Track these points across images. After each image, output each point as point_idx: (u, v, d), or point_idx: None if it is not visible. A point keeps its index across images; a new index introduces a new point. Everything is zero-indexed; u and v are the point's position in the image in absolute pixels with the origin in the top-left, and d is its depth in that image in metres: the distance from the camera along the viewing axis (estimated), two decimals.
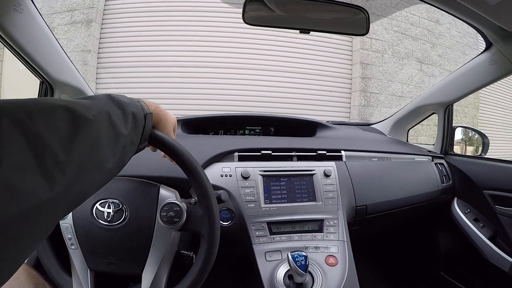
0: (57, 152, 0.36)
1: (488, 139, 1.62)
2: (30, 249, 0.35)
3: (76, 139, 0.40)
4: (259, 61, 5.06)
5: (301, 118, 1.60)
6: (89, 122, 0.43)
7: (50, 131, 0.36)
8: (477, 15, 0.96)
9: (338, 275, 0.94)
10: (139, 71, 4.85)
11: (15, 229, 0.30)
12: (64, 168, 0.37)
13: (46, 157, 0.35)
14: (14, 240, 0.31)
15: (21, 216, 0.31)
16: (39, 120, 0.35)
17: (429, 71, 5.91)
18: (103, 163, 0.46)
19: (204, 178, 0.74)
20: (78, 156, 0.39)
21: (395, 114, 1.86)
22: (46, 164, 0.34)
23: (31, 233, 0.33)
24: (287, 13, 1.02)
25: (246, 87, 4.98)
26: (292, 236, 1.03)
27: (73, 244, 0.78)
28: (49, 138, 0.36)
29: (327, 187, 1.12)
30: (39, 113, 0.36)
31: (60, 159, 0.36)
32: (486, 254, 1.34)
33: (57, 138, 0.37)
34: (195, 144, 1.14)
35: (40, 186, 0.33)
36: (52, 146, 0.36)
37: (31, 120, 0.34)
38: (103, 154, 0.45)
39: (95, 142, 0.43)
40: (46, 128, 0.36)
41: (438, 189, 1.41)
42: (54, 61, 1.22)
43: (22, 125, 0.33)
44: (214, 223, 0.73)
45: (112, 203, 0.78)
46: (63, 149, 0.37)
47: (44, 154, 0.34)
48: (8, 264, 0.31)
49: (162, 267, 0.78)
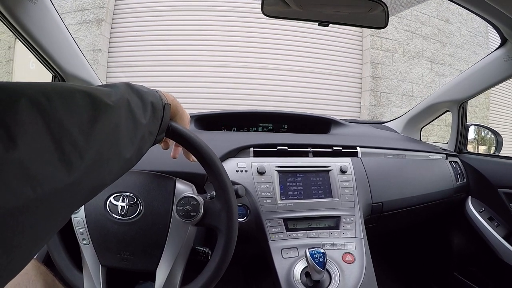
0: (76, 136, 0.35)
1: (502, 137, 1.61)
2: (44, 239, 0.34)
3: (96, 124, 0.38)
4: (270, 60, 5.07)
5: (315, 115, 1.59)
6: (109, 108, 0.42)
7: (69, 115, 0.35)
8: (492, 9, 0.94)
9: (356, 273, 0.93)
10: (150, 70, 4.88)
11: (30, 216, 0.29)
12: (83, 153, 0.35)
13: (64, 141, 0.33)
14: (28, 228, 0.29)
15: (36, 202, 0.29)
16: (58, 103, 0.34)
17: (440, 71, 5.86)
18: (121, 151, 0.44)
19: (223, 171, 0.72)
20: (97, 142, 0.38)
21: (408, 112, 1.85)
22: (64, 148, 0.33)
23: (45, 222, 0.32)
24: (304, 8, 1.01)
25: (258, 86, 4.99)
26: (309, 233, 1.02)
27: (85, 239, 0.76)
28: (67, 122, 0.34)
29: (344, 184, 1.11)
30: (58, 96, 0.35)
31: (79, 143, 0.35)
32: (500, 253, 1.32)
33: (76, 122, 0.36)
34: (210, 139, 1.11)
35: (57, 171, 0.32)
36: (70, 130, 0.34)
37: (50, 103, 0.33)
38: (122, 142, 0.44)
39: (115, 129, 0.42)
40: (65, 112, 0.34)
41: (452, 187, 1.40)
42: (66, 54, 1.20)
43: (41, 107, 0.32)
44: (233, 217, 0.71)
45: (126, 197, 0.76)
46: (82, 134, 0.36)
47: (62, 138, 0.33)
48: (20, 254, 0.30)
49: (177, 263, 0.76)
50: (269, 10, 1.00)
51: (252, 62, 5.00)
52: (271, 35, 5.03)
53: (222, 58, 4.91)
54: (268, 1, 0.97)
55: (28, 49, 1.10)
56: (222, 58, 4.91)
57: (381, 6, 0.99)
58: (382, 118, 5.20)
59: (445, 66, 5.92)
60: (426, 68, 5.74)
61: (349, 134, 1.47)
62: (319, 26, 1.04)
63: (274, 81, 5.03)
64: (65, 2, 5.00)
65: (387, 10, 0.99)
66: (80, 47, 1.26)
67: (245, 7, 5.02)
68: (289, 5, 0.98)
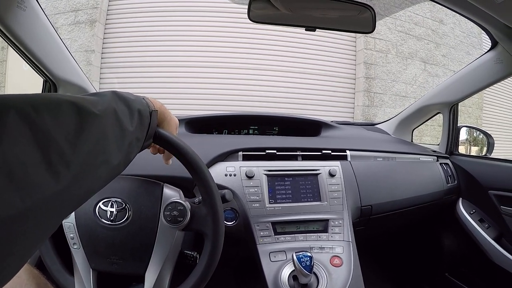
0: (63, 146, 0.36)
1: (493, 139, 1.61)
2: (35, 246, 0.35)
3: (82, 134, 0.39)
4: (262, 61, 5.05)
5: (306, 117, 1.59)
6: (96, 117, 0.43)
7: (56, 125, 0.36)
8: (483, 13, 0.95)
9: (343, 276, 0.94)
10: (143, 71, 4.86)
11: (20, 225, 0.30)
12: (70, 163, 0.36)
13: (52, 151, 0.34)
14: (19, 237, 0.31)
15: (26, 212, 0.30)
16: (45, 114, 0.35)
17: (433, 71, 5.88)
18: (109, 158, 0.45)
19: (209, 177, 0.72)
20: (84, 151, 0.39)
21: (400, 114, 1.85)
22: (51, 158, 0.34)
23: (36, 230, 0.33)
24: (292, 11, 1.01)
25: (250, 87, 4.97)
26: (297, 236, 1.02)
27: (76, 244, 0.77)
28: (55, 132, 0.35)
29: (332, 187, 1.11)
30: (45, 107, 0.36)
31: (66, 153, 0.36)
32: (491, 255, 1.33)
33: (63, 132, 0.37)
34: (199, 143, 1.13)
35: (46, 181, 0.33)
36: (57, 141, 0.35)
37: (37, 114, 0.34)
38: (109, 150, 0.45)
39: (101, 137, 0.43)
40: (52, 122, 0.35)
41: (443, 189, 1.40)
42: (57, 59, 1.21)
43: (28, 118, 0.33)
44: (219, 222, 0.72)
45: (115, 202, 0.77)
46: (69, 144, 0.37)
47: (50, 148, 0.34)
48: (13, 262, 0.31)
49: (165, 267, 0.78)
50: (256, 15, 0.99)
51: (244, 63, 4.98)
52: (263, 35, 5.01)
53: (215, 59, 4.89)
54: (256, 5, 0.97)
55: (19, 55, 1.10)
56: (215, 59, 4.89)
57: (369, 10, 0.99)
58: (375, 118, 5.22)
59: (439, 67, 5.94)
60: (419, 68, 5.76)
61: (339, 137, 1.48)
62: (306, 31, 1.04)
63: (268, 83, 5.03)
64: (59, 3, 4.97)
65: (374, 15, 0.99)
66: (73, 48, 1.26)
67: (236, 7, 5.02)
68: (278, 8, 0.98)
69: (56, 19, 4.85)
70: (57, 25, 4.77)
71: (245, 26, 4.89)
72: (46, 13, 1.09)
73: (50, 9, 4.87)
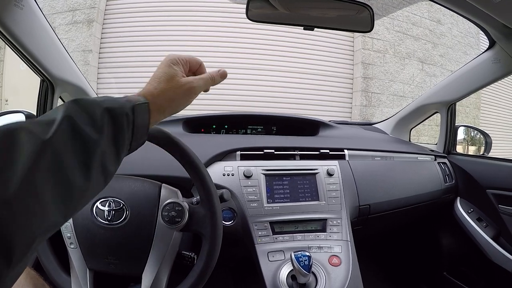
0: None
1: (491, 138, 1.62)
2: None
3: (36, 169, 0.35)
4: (260, 61, 5.06)
5: (304, 117, 1.59)
6: (45, 144, 0.37)
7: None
8: (481, 13, 0.95)
9: (342, 275, 0.93)
10: (140, 71, 4.84)
11: None
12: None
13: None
14: None
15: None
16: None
17: (431, 71, 5.90)
18: (73, 181, 0.40)
19: (207, 176, 0.72)
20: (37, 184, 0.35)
21: (398, 114, 1.85)
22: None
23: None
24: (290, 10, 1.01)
25: (248, 87, 4.98)
26: (295, 236, 1.02)
27: (72, 243, 0.77)
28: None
29: (330, 186, 1.11)
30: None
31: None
32: (489, 254, 1.33)
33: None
34: (197, 143, 1.12)
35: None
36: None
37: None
38: (69, 172, 0.39)
39: (57, 164, 0.38)
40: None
41: (441, 189, 1.40)
42: (54, 58, 1.20)
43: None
44: (217, 223, 0.71)
45: (112, 202, 0.76)
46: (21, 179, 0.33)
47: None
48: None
49: (162, 268, 0.77)
50: (255, 14, 0.99)
51: (242, 63, 4.99)
52: (261, 36, 5.02)
53: (213, 59, 4.87)
54: (254, 4, 0.96)
55: (16, 54, 1.09)
56: (213, 59, 4.87)
57: (367, 9, 0.98)
58: (373, 118, 5.23)
59: (436, 67, 5.96)
60: (417, 68, 5.77)
61: (337, 136, 1.48)
62: (304, 30, 1.04)
63: (265, 82, 5.03)
64: (56, 2, 4.95)
65: (372, 14, 0.99)
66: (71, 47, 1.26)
67: (233, 7, 5.02)
68: (276, 7, 0.98)
69: (54, 18, 4.83)
70: (54, 25, 4.76)
71: (243, 26, 4.90)
72: (44, 13, 1.08)
73: (47, 9, 4.86)
